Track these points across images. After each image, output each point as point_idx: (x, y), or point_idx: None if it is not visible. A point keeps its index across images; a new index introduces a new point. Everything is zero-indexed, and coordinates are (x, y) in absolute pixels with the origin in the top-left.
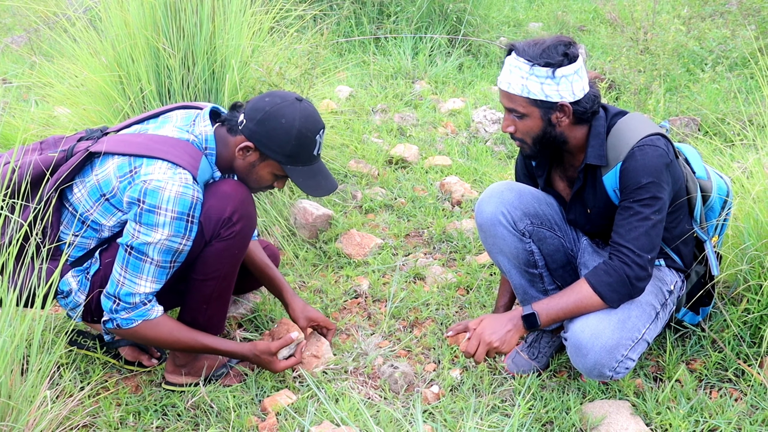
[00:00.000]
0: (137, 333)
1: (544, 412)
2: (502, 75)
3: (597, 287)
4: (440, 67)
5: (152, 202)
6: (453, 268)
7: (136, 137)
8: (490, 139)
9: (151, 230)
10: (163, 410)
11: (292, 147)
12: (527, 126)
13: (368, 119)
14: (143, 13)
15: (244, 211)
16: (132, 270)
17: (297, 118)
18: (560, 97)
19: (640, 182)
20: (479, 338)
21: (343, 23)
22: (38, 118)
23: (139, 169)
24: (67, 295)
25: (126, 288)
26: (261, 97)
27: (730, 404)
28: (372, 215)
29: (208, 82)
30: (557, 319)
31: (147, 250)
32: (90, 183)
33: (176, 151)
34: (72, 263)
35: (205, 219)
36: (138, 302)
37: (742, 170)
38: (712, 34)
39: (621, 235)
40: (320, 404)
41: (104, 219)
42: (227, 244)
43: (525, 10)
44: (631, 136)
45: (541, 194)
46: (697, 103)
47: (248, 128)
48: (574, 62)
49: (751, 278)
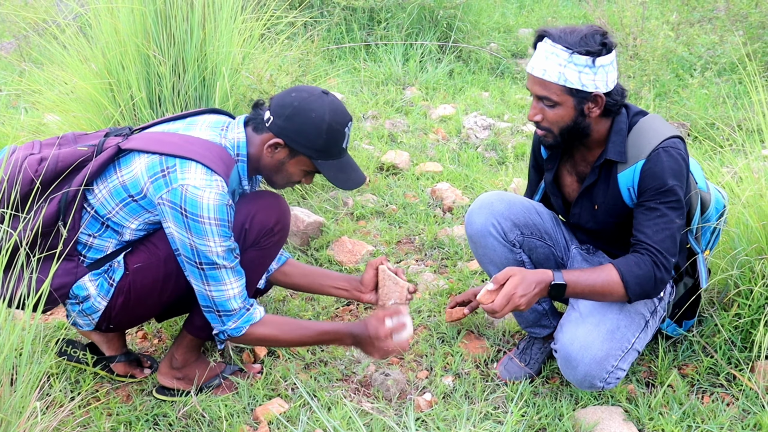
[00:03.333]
0: (248, 338)
1: (537, 419)
2: (536, 61)
3: (626, 276)
4: (431, 73)
5: (194, 211)
6: (444, 275)
7: (168, 136)
8: (480, 145)
9: (204, 239)
10: (154, 420)
11: (324, 141)
12: (558, 115)
13: (359, 126)
14: (133, 21)
15: (285, 224)
16: (214, 281)
17: (327, 112)
18: (595, 87)
19: (667, 184)
20: (509, 297)
21: (334, 30)
22: (28, 126)
23: (172, 170)
24: (83, 300)
25: (218, 299)
26: (287, 93)
27: (722, 409)
28: (363, 222)
29: (199, 90)
30: (580, 295)
31: (214, 259)
32: (113, 183)
33: (211, 156)
34: (88, 266)
35: (249, 226)
36: (238, 308)
37: (732, 175)
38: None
39: (648, 235)
40: (312, 413)
41: (128, 221)
42: (262, 253)
43: (515, 16)
44: (653, 135)
45: (531, 203)
46: (687, 108)
47: (276, 125)
48: (611, 52)
49: (742, 283)
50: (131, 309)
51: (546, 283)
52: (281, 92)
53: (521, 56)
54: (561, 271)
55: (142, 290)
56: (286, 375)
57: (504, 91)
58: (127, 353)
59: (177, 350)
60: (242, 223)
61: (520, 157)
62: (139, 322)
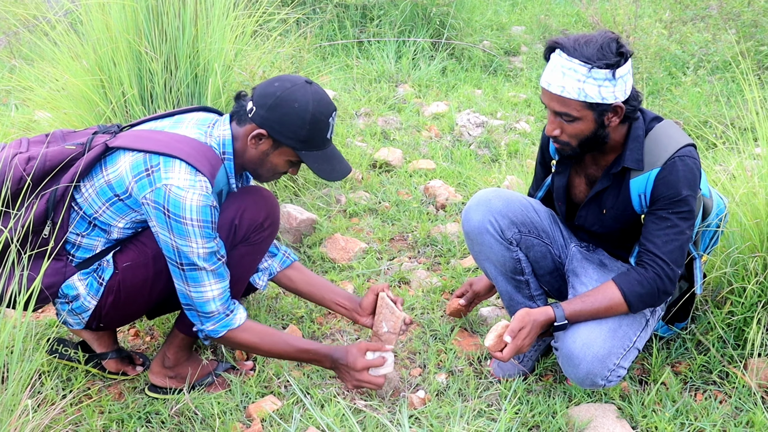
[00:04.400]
0: (227, 341)
1: (531, 416)
2: (552, 77)
3: (628, 296)
4: (424, 70)
5: (176, 212)
6: (438, 272)
7: (154, 134)
8: (473, 142)
9: (186, 240)
10: (147, 417)
11: (307, 132)
12: (578, 129)
13: (352, 123)
14: (125, 17)
15: (274, 219)
16: (193, 282)
17: (310, 102)
18: (615, 98)
19: (681, 194)
20: (518, 349)
21: (327, 27)
22: (18, 123)
23: (156, 168)
24: (72, 299)
25: (197, 300)
26: (269, 82)
27: (715, 406)
28: (356, 219)
29: (191, 86)
30: (583, 321)
31: (195, 260)
32: (99, 183)
33: (197, 154)
34: (77, 265)
35: (239, 222)
36: (216, 311)
37: (725, 174)
38: (694, 37)
39: (657, 245)
40: (306, 410)
41: (115, 220)
42: (253, 249)
43: (508, 14)
44: (669, 143)
45: (529, 201)
46: (680, 106)
47: (259, 115)
48: (628, 60)
49: (735, 281)
50: (121, 307)
51: (548, 323)
52: (264, 82)
53: (514, 54)
54: (561, 307)
55: (131, 289)
56: (279, 372)
57: (497, 88)
58: (119, 350)
59: (169, 349)
60: (232, 218)
61: (513, 155)
62: (129, 320)
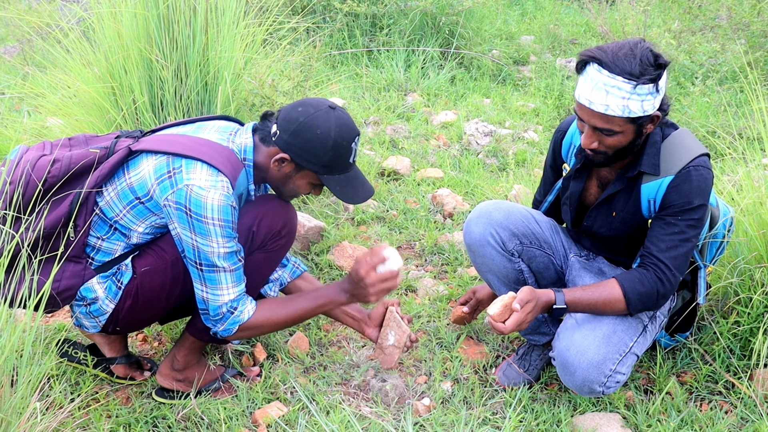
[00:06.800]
0: (242, 335)
1: (535, 425)
2: (595, 96)
3: (628, 293)
4: (432, 79)
5: (198, 211)
6: (444, 281)
7: (177, 137)
8: (482, 151)
9: (207, 240)
10: (153, 422)
11: (329, 157)
12: (617, 141)
13: (360, 131)
14: (136, 25)
15: (292, 227)
16: (211, 284)
17: (332, 128)
18: (654, 108)
19: (692, 203)
20: (520, 323)
21: (336, 35)
22: (30, 129)
23: (178, 170)
24: (90, 302)
25: (212, 302)
26: (293, 107)
27: (720, 417)
28: (364, 227)
29: (201, 94)
30: (582, 311)
31: (214, 261)
32: (121, 186)
33: (219, 156)
34: (96, 269)
35: (257, 229)
36: (226, 312)
37: (732, 183)
38: (702, 48)
39: (661, 249)
40: (311, 416)
41: (135, 224)
42: (268, 256)
43: (517, 23)
44: (684, 152)
45: (530, 212)
46: (688, 116)
47: (282, 139)
48: (665, 68)
49: (741, 291)
50: (138, 312)
51: (549, 304)
52: (289, 105)
53: (523, 63)
54: (563, 292)
55: (149, 293)
56: (285, 378)
57: (505, 98)
58: (128, 355)
59: (179, 352)
60: (250, 225)
61: (521, 164)
62: (145, 324)
